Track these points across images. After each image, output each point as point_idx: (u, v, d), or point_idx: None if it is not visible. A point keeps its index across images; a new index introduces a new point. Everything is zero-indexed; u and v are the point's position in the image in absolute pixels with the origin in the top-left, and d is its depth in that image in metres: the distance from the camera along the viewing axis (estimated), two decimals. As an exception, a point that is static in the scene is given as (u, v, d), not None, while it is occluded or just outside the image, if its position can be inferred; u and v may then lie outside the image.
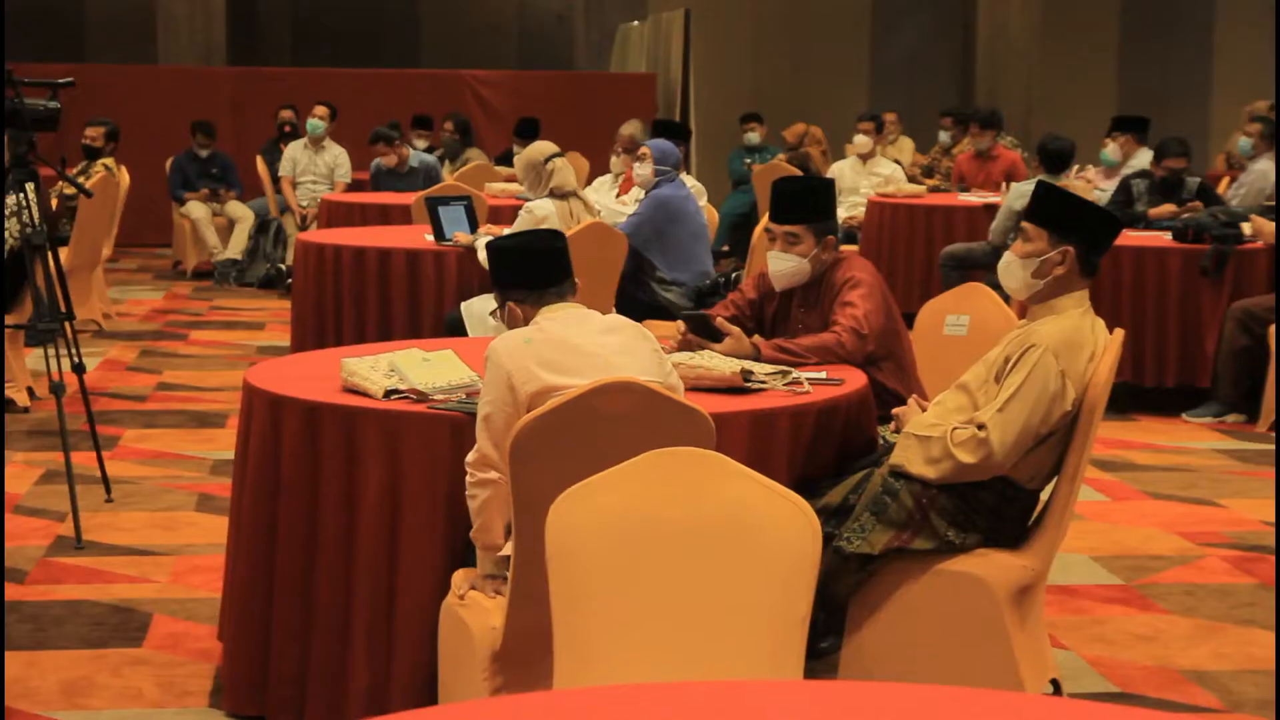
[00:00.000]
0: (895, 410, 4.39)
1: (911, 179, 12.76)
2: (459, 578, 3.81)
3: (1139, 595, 5.29)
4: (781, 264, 5.01)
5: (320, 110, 13.22)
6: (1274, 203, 9.95)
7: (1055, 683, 4.29)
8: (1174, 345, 8.10)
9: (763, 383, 4.37)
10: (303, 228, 12.66)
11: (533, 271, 3.87)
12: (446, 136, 14.08)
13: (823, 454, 4.32)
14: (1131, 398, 8.20)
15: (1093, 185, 10.62)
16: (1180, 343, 8.09)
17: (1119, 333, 4.27)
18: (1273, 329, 7.67)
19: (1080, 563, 5.62)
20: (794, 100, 17.06)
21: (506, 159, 13.60)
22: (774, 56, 18.21)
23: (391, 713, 2.32)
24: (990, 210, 10.38)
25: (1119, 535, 5.98)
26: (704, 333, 4.84)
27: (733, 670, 2.75)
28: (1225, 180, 11.89)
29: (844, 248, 10.31)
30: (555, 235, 4.03)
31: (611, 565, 2.79)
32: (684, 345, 4.83)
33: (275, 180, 13.42)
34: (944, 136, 14.16)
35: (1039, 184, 4.52)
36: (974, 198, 11.21)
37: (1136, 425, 7.93)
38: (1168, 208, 9.11)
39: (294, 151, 13.29)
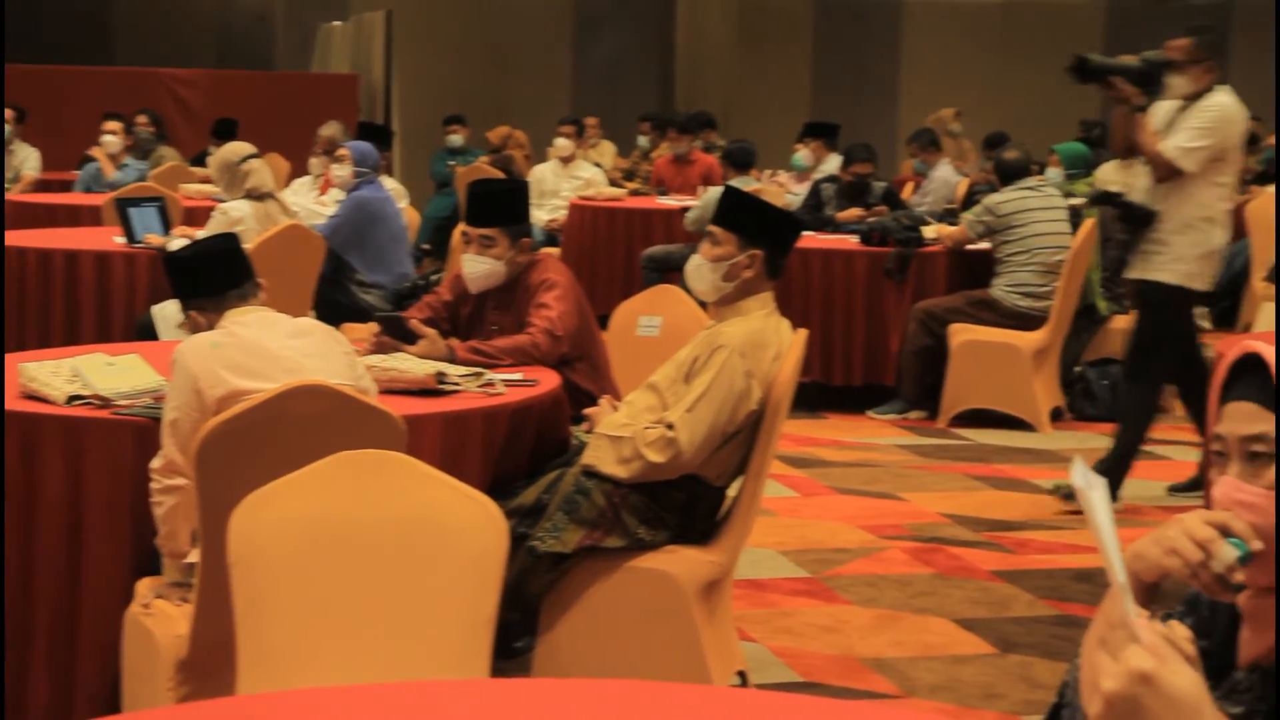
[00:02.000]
0: (587, 411, 4.47)
1: (612, 182, 12.91)
2: (144, 586, 3.75)
3: (824, 587, 5.47)
4: (476, 266, 5.04)
5: (6, 114, 12.77)
6: (955, 206, 10.36)
7: (742, 674, 4.41)
8: (860, 345, 8.38)
9: (456, 384, 4.39)
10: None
11: (210, 277, 3.83)
12: (140, 130, 13.72)
13: (516, 455, 4.37)
14: (821, 396, 8.46)
15: (784, 189, 10.92)
16: (866, 342, 8.37)
17: (802, 333, 4.41)
18: (951, 328, 7.99)
19: (769, 557, 5.78)
20: (497, 103, 17.10)
21: (204, 160, 13.32)
22: (477, 59, 18.21)
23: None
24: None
25: (806, 530, 6.17)
26: (399, 335, 4.84)
27: (419, 671, 2.77)
28: (910, 185, 12.33)
29: (545, 250, 10.36)
30: (228, 237, 4.00)
31: (295, 569, 2.79)
32: (378, 348, 4.82)
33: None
34: (643, 141, 14.36)
35: (727, 189, 4.64)
36: (673, 201, 11.40)
37: (825, 423, 8.18)
38: (855, 212, 9.42)
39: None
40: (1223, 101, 6.23)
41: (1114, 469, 6.38)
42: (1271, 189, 11.45)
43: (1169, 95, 6.27)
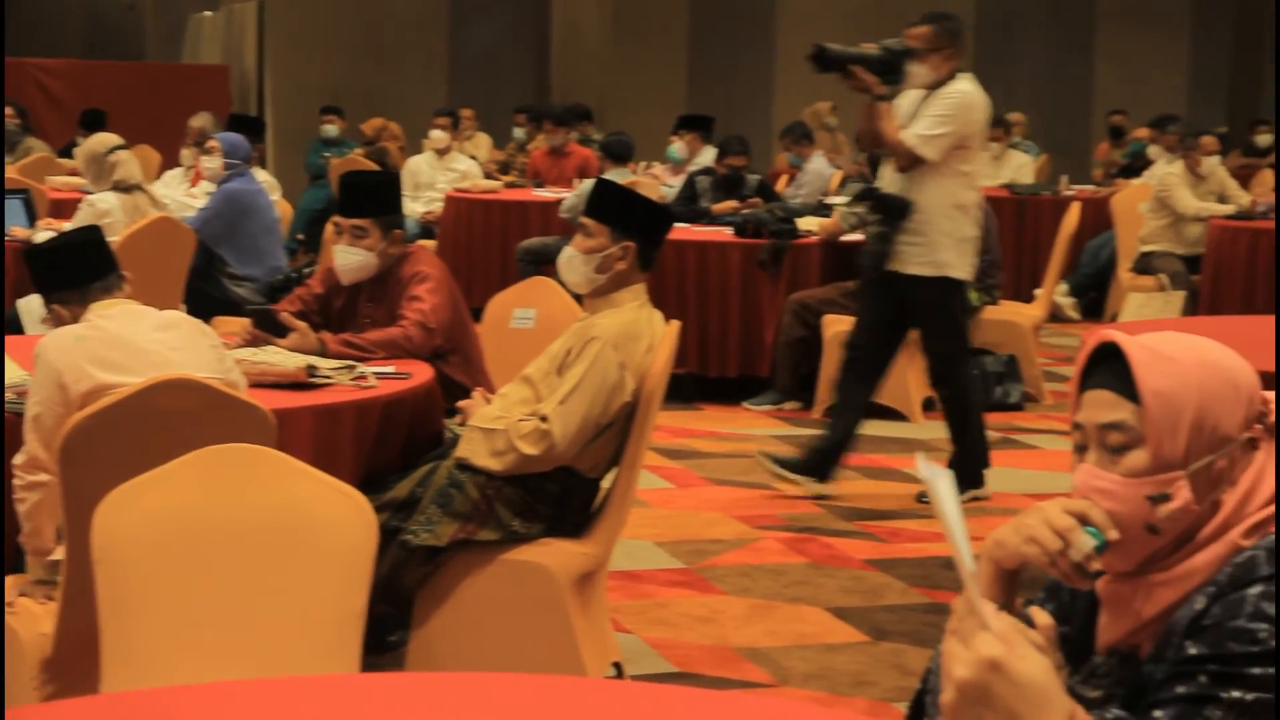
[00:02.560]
0: (460, 403, 4.45)
1: (488, 175, 12.87)
2: (8, 584, 3.69)
3: (699, 578, 5.49)
4: (348, 257, 5.00)
5: None
6: (827, 199, 10.44)
7: (617, 665, 4.42)
8: (735, 337, 8.42)
9: (328, 378, 4.36)
10: None
11: (73, 270, 3.77)
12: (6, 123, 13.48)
13: (389, 448, 4.35)
14: (696, 388, 8.48)
15: (659, 181, 10.95)
16: (741, 334, 8.41)
17: (674, 324, 4.43)
18: (825, 320, 8.06)
19: (644, 548, 5.80)
20: (371, 95, 16.97)
21: (71, 152, 13.11)
22: (351, 50, 18.07)
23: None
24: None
25: (682, 520, 6.20)
26: (269, 328, 4.80)
27: (289, 667, 2.74)
28: (784, 178, 12.40)
29: (420, 243, 10.31)
30: (91, 229, 3.94)
31: (162, 566, 2.75)
32: (250, 341, 4.77)
33: None
34: (518, 133, 14.34)
35: (599, 181, 4.66)
36: (548, 193, 11.39)
37: (701, 414, 8.22)
38: (729, 204, 9.47)
39: None
40: (963, 89, 6.19)
41: (966, 459, 6.43)
42: (1137, 182, 11.67)
43: (911, 84, 6.22)
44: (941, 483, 1.32)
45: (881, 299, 6.40)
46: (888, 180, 6.33)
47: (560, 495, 4.28)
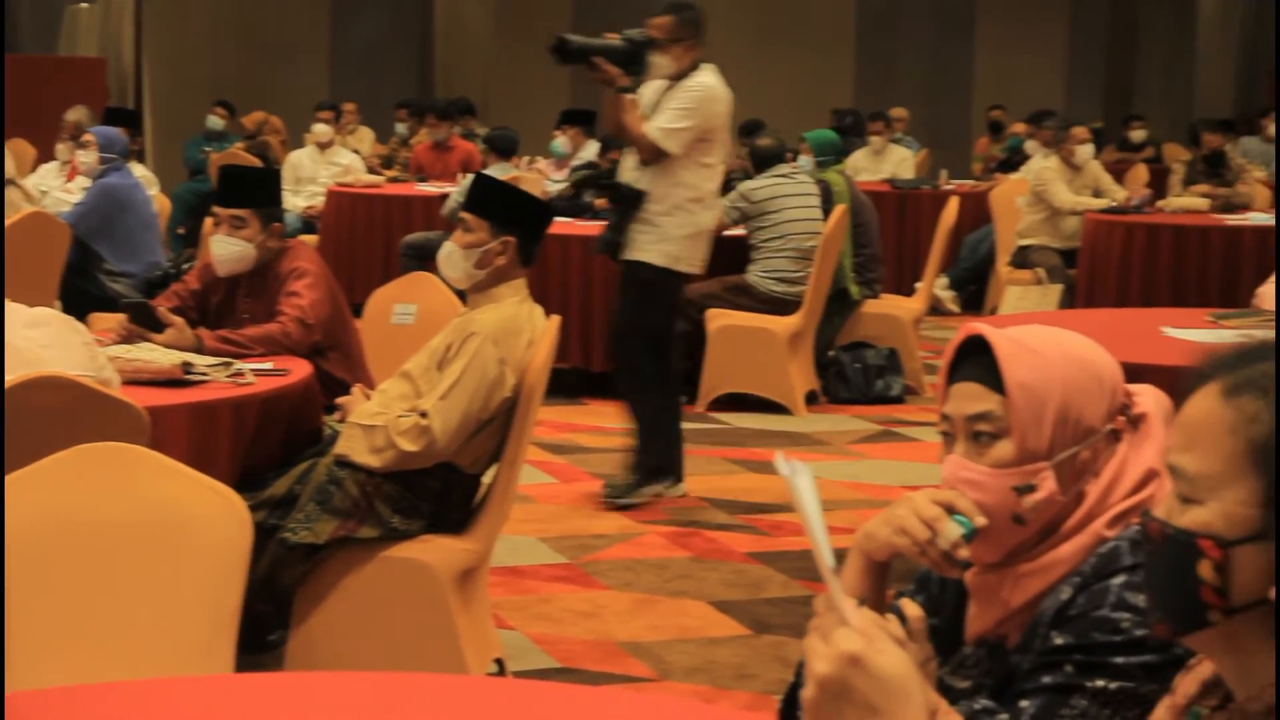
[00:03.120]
0: (339, 400, 4.42)
1: (371, 169, 12.79)
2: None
3: (582, 573, 5.49)
4: (226, 248, 4.95)
5: None
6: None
7: (499, 662, 4.42)
8: (620, 331, 8.41)
9: (204, 374, 4.30)
10: None
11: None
12: None
13: (267, 445, 4.30)
14: (580, 383, 8.49)
15: (543, 176, 10.93)
16: (626, 329, 8.41)
17: (555, 319, 4.42)
18: (708, 314, 8.09)
19: (528, 544, 5.79)
20: (252, 88, 16.81)
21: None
22: (231, 43, 17.89)
23: None
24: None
25: (565, 516, 6.20)
26: (145, 323, 4.73)
27: (163, 667, 2.71)
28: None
29: (303, 238, 10.18)
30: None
31: (33, 565, 2.71)
32: (125, 337, 4.70)
33: None
34: (401, 128, 14.26)
35: (478, 175, 4.65)
36: (431, 188, 11.34)
37: (585, 409, 8.22)
38: (614, 199, 9.46)
39: None
40: (706, 82, 6.13)
41: (645, 452, 6.34)
42: (1014, 176, 11.83)
43: (654, 75, 6.14)
44: (801, 479, 1.33)
45: None
46: (627, 170, 6.21)
47: (441, 491, 4.26)
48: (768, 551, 5.76)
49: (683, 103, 6.06)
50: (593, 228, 8.76)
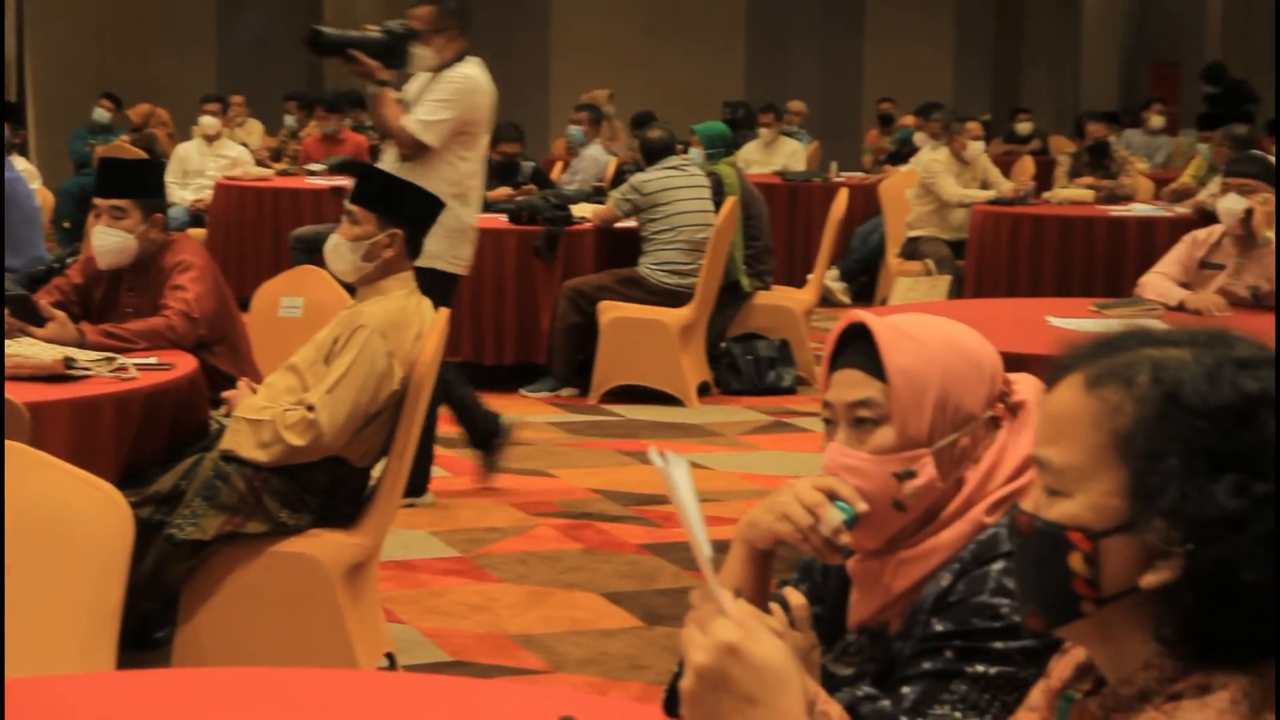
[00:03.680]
0: (225, 394, 4.37)
1: (260, 162, 12.66)
2: None
3: (474, 566, 5.47)
4: (107, 239, 4.88)
5: None
6: (604, 185, 10.49)
7: (390, 656, 4.39)
8: (511, 324, 8.40)
9: (86, 370, 4.24)
10: None
11: None
12: None
13: (152, 441, 4.24)
14: (472, 376, 8.43)
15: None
16: (517, 321, 8.40)
17: (444, 312, 4.40)
18: (601, 306, 8.09)
19: (419, 538, 5.76)
20: (139, 80, 16.58)
21: None
22: (116, 34, 17.64)
23: None
24: (338, 193, 10.43)
25: (457, 509, 6.17)
26: (26, 317, 4.65)
27: (42, 665, 2.67)
28: (560, 165, 12.42)
29: (192, 231, 10.06)
30: None
31: (-94, 565, 2.66)
32: (5, 332, 4.62)
33: None
34: (290, 120, 14.13)
35: (365, 167, 4.61)
36: (321, 181, 11.25)
37: (478, 402, 8.18)
38: (504, 191, 9.45)
39: None
40: (467, 73, 5.99)
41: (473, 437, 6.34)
42: (904, 168, 11.92)
43: (417, 67, 6.02)
44: (677, 470, 1.32)
45: None
46: (388, 163, 5.99)
47: (329, 485, 4.23)
48: (660, 543, 5.77)
49: (442, 94, 5.89)
50: (483, 220, 8.73)
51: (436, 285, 5.49)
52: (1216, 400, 1.37)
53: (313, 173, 11.83)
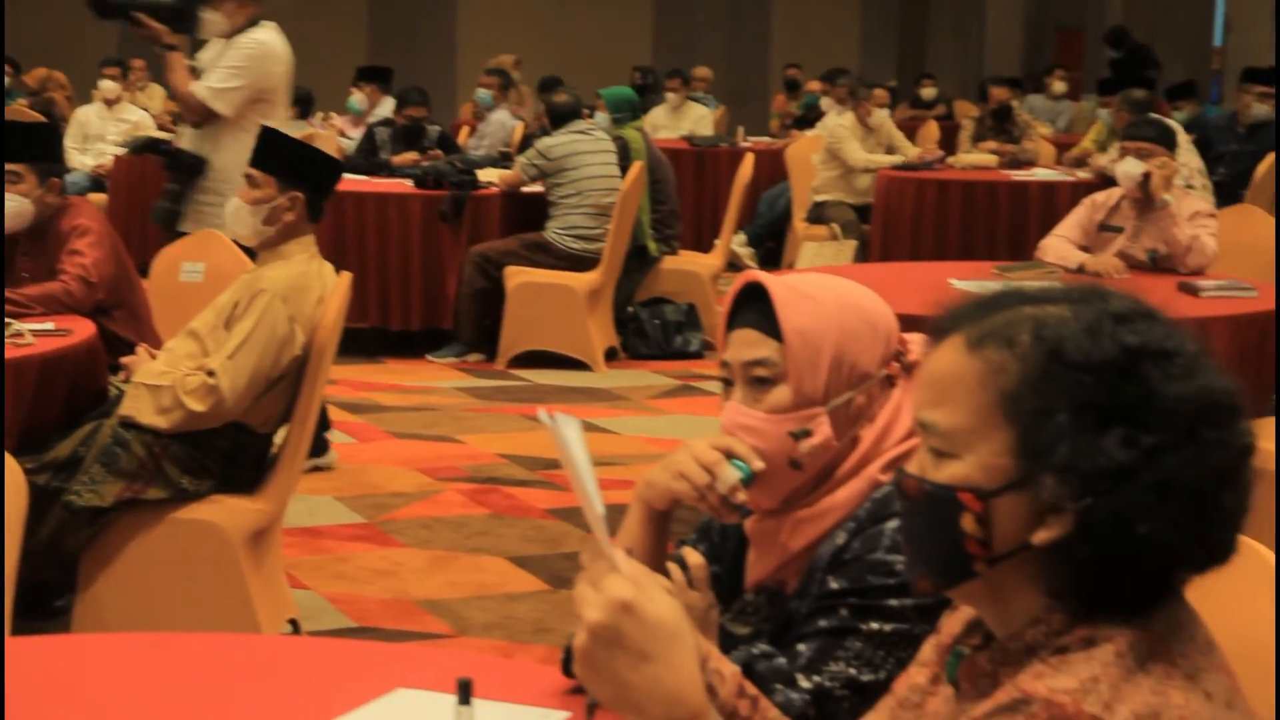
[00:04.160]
0: (124, 360, 4.32)
1: (162, 127, 12.49)
2: None
3: (380, 532, 5.45)
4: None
5: None
6: (511, 150, 10.45)
7: (294, 622, 4.37)
8: (418, 289, 8.36)
9: (-19, 336, 4.18)
10: None
11: None
12: None
13: (49, 407, 4.19)
14: (379, 341, 8.42)
15: (339, 132, 10.80)
16: (424, 286, 8.36)
17: (346, 276, 4.37)
18: (507, 271, 8.06)
19: (324, 504, 5.73)
20: (37, 44, 16.32)
21: None
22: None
23: None
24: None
25: (363, 475, 6.14)
26: (-81, 285, 4.58)
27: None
28: (466, 130, 12.36)
29: (92, 196, 9.91)
30: None
31: None
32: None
33: None
34: (193, 83, 13.93)
35: (264, 129, 4.56)
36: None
37: (384, 368, 8.15)
38: (410, 155, 9.39)
39: None
40: (261, 39, 5.79)
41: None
42: (810, 133, 11.95)
43: (208, 32, 5.83)
44: (569, 429, 1.32)
45: None
46: (187, 136, 5.87)
47: (231, 451, 4.19)
48: (566, 507, 5.77)
49: (234, 61, 5.72)
50: (389, 185, 8.69)
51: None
52: (1099, 355, 1.38)
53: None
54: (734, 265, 10.52)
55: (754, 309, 2.00)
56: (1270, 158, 9.62)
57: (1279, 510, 1.24)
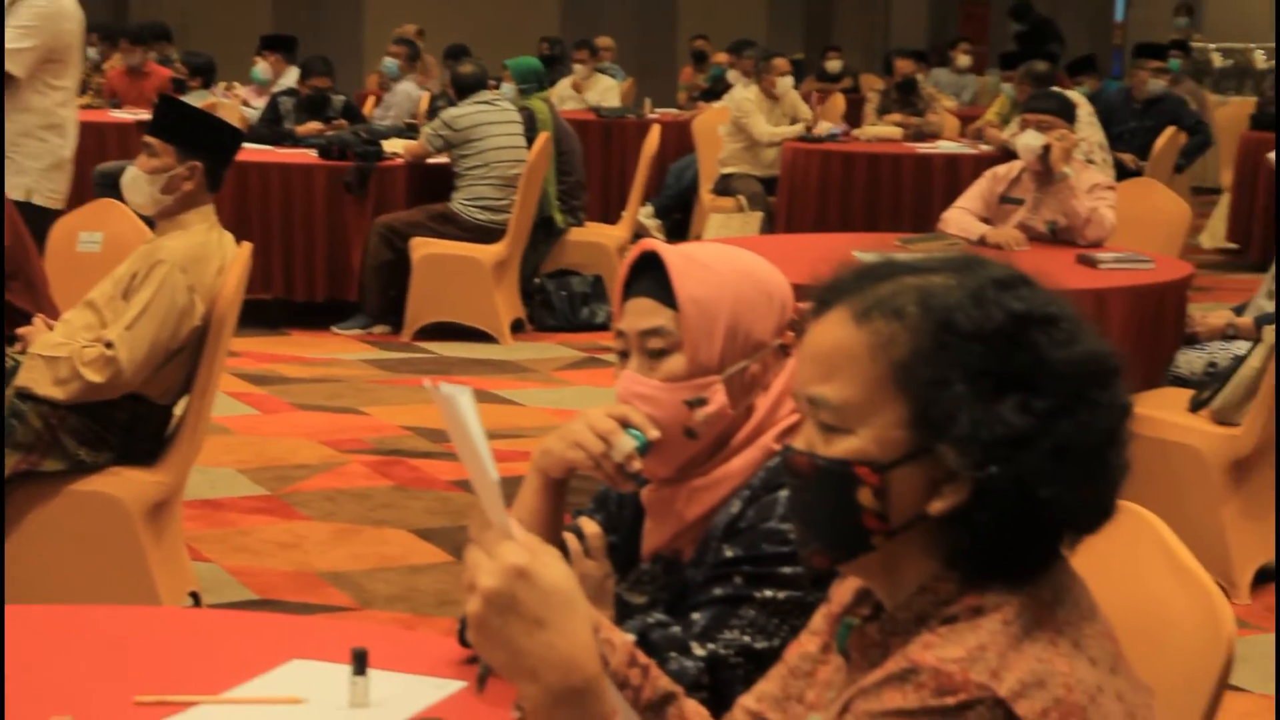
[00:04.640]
0: (20, 330, 4.26)
1: (61, 95, 12.31)
2: None
3: (283, 504, 5.42)
4: (-107, 178, 4.72)
5: None
6: (417, 121, 10.39)
7: (194, 595, 4.34)
8: (322, 260, 8.30)
9: (-128, 307, 4.11)
10: None
11: None
12: None
13: (-57, 379, 4.13)
14: (283, 313, 8.36)
15: (242, 102, 10.68)
16: (328, 257, 8.30)
17: (246, 246, 4.33)
18: (413, 242, 8.02)
19: (227, 476, 5.69)
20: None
21: None
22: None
23: None
24: (144, 127, 10.19)
25: (266, 447, 6.10)
26: None
27: None
28: (372, 100, 12.27)
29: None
30: None
31: None
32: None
33: None
34: (92, 52, 13.74)
35: (163, 98, 4.51)
36: (126, 114, 10.97)
37: (288, 340, 8.09)
38: (314, 125, 9.31)
39: None
40: None
41: None
42: (717, 105, 11.97)
43: None
44: (462, 399, 1.31)
45: None
46: None
47: (130, 423, 4.15)
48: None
49: (25, 20, 5.49)
50: (293, 155, 8.61)
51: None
52: (989, 323, 1.39)
53: (117, 105, 11.54)
54: (640, 236, 10.51)
55: (649, 278, 2.00)
56: (1169, 131, 9.74)
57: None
